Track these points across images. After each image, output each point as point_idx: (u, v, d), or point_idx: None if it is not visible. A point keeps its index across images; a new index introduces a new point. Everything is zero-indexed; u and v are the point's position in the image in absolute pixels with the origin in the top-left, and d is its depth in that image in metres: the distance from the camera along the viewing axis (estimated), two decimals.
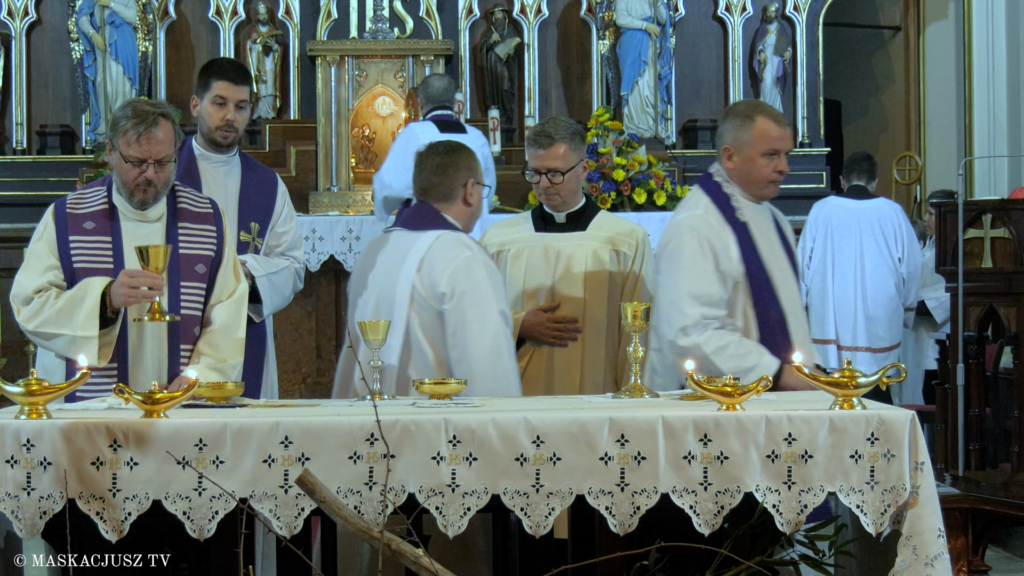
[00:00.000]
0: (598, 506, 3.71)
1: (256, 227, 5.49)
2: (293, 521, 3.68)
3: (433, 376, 4.67)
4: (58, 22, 10.94)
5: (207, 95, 5.48)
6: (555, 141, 5.22)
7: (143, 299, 4.49)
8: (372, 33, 10.62)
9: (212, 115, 5.47)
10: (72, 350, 4.52)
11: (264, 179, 5.62)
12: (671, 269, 4.91)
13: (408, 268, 4.77)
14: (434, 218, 4.88)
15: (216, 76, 5.48)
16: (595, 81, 11.05)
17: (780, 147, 5.02)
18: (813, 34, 11.09)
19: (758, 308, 4.91)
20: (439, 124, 9.12)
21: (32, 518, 3.66)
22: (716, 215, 4.98)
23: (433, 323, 4.74)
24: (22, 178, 10.62)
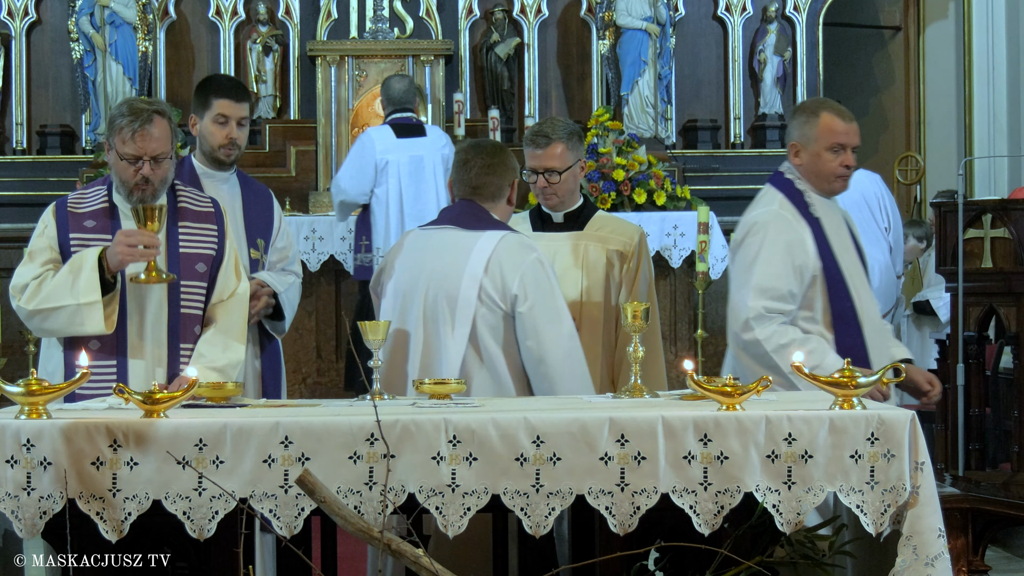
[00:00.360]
0: (598, 506, 3.71)
1: (262, 243, 5.42)
2: (293, 521, 3.68)
3: (497, 377, 4.69)
4: (58, 22, 10.94)
5: (207, 114, 5.37)
6: (552, 141, 5.21)
7: (140, 257, 4.51)
8: (372, 33, 10.63)
9: (215, 134, 5.36)
10: (77, 321, 4.52)
11: (261, 195, 5.56)
12: (743, 265, 4.96)
13: (474, 269, 4.72)
14: (486, 217, 4.86)
15: (216, 94, 5.37)
16: (595, 81, 11.06)
17: (846, 141, 5.07)
18: (813, 34, 11.09)
19: (833, 302, 4.95)
20: (396, 128, 9.15)
21: (32, 518, 3.66)
22: (791, 210, 5.02)
23: (497, 324, 4.72)
24: (22, 178, 10.62)
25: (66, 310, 4.54)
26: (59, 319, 4.56)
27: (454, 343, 4.68)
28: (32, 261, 4.66)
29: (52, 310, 4.56)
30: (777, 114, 10.98)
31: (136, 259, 4.52)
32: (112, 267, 4.55)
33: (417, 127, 9.29)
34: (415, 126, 9.30)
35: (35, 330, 4.77)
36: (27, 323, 4.71)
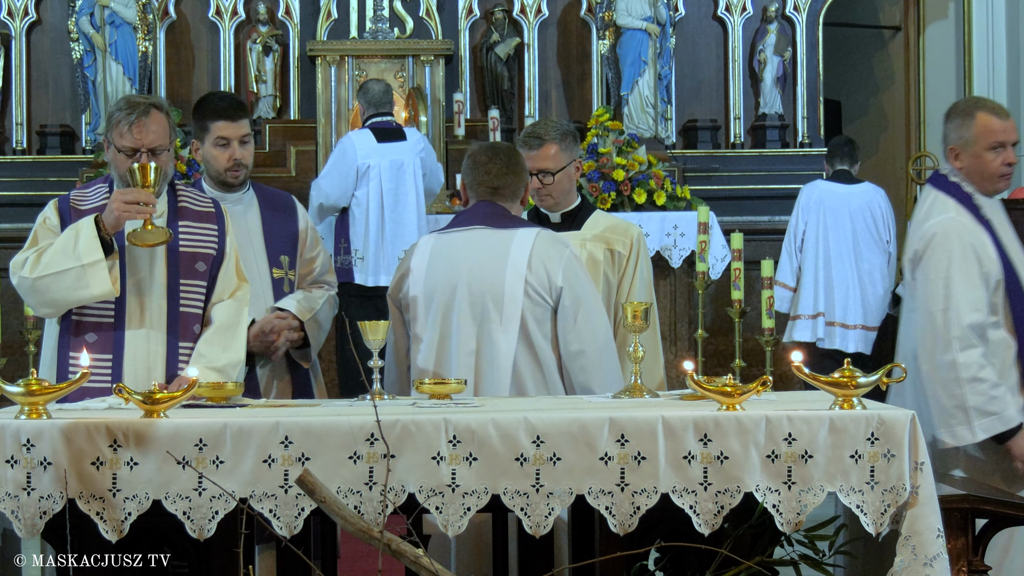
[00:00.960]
0: (598, 506, 3.71)
1: (286, 260, 5.28)
2: (293, 521, 3.68)
3: (546, 371, 4.72)
4: (58, 22, 10.94)
5: (207, 138, 5.21)
6: (545, 142, 5.19)
7: (137, 214, 4.48)
8: (372, 33, 10.63)
9: (218, 157, 5.20)
10: (82, 284, 4.48)
11: (283, 206, 5.39)
12: (933, 279, 4.83)
13: (516, 265, 4.75)
14: (512, 216, 4.90)
15: (212, 117, 5.20)
16: (595, 81, 11.06)
17: (1005, 139, 4.98)
18: (813, 34, 11.09)
19: (1015, 307, 4.86)
20: (376, 132, 9.22)
21: (32, 518, 3.66)
22: (967, 216, 4.92)
23: (543, 318, 4.75)
24: (22, 178, 10.62)
25: (70, 273, 4.49)
26: (63, 283, 4.50)
27: (505, 340, 4.71)
28: (34, 243, 4.64)
29: (55, 275, 4.50)
30: (777, 114, 10.98)
31: (133, 216, 4.49)
32: (109, 226, 4.52)
33: (397, 131, 9.41)
34: (395, 130, 9.42)
35: (38, 304, 4.65)
36: (29, 297, 4.64)
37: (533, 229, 4.85)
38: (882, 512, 3.70)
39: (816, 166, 10.92)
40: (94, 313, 4.61)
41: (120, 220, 4.50)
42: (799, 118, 11.07)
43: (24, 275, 4.55)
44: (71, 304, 4.57)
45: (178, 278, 4.66)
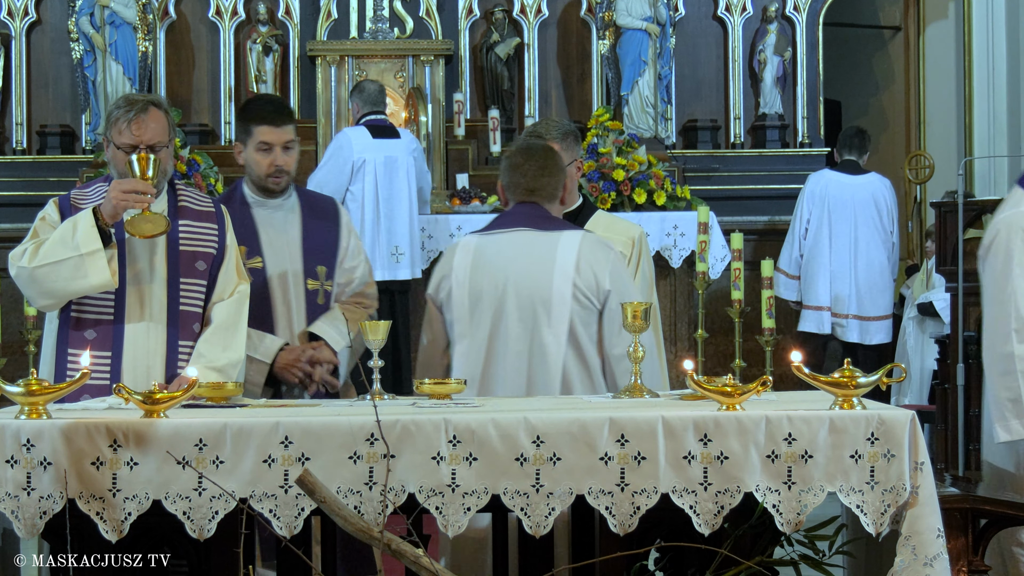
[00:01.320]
0: (598, 506, 3.71)
1: (323, 270, 5.17)
2: (293, 521, 3.68)
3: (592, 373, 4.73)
4: (58, 22, 10.94)
5: (250, 142, 5.09)
6: (545, 142, 5.17)
7: (135, 203, 4.47)
8: (372, 33, 10.63)
9: (259, 162, 5.08)
10: (80, 274, 4.47)
11: (325, 212, 5.27)
12: (1000, 270, 4.72)
13: (564, 267, 4.76)
14: (554, 218, 4.92)
15: (256, 121, 5.09)
16: (595, 81, 11.05)
17: None
18: (813, 34, 11.09)
19: None
20: (372, 129, 9.31)
21: (32, 518, 3.66)
22: None
23: (589, 321, 4.76)
24: (22, 178, 10.62)
25: (68, 263, 4.48)
26: (61, 273, 4.49)
27: (555, 342, 4.71)
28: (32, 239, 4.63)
29: (53, 264, 4.48)
30: (777, 114, 10.98)
31: (131, 205, 4.48)
32: (107, 216, 4.51)
33: (391, 128, 9.53)
34: (389, 127, 9.52)
35: (37, 295, 4.61)
36: (28, 288, 4.60)
37: (577, 232, 4.87)
38: (882, 512, 3.70)
39: (816, 166, 10.92)
40: (94, 310, 4.61)
41: (118, 209, 4.49)
42: (799, 118, 11.07)
43: (23, 265, 4.53)
44: (70, 295, 4.56)
45: (178, 276, 4.67)
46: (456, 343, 4.85)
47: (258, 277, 5.03)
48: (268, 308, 5.08)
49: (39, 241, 4.57)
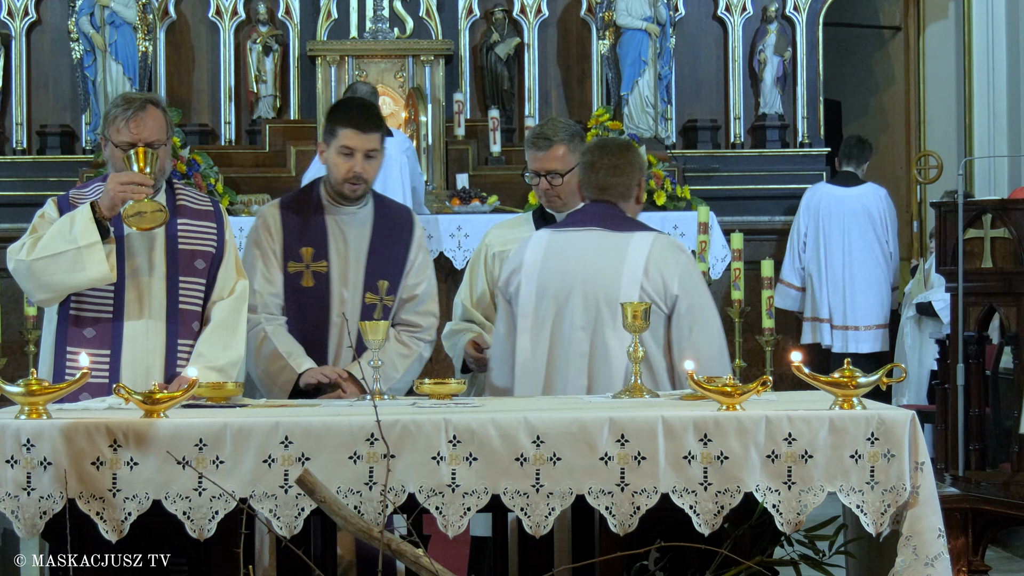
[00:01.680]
0: (598, 506, 3.71)
1: (385, 285, 5.00)
2: (293, 521, 3.68)
3: (656, 378, 4.70)
4: (58, 22, 10.94)
5: (333, 143, 4.93)
6: (553, 143, 5.15)
7: (133, 194, 4.46)
8: (372, 33, 10.63)
9: (339, 166, 4.92)
10: (79, 266, 4.46)
11: (399, 225, 5.11)
12: None
13: (633, 271, 4.73)
14: (627, 218, 4.91)
15: (342, 123, 4.93)
16: (595, 81, 11.05)
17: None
18: (813, 34, 11.09)
19: None
20: None
21: (32, 518, 3.66)
22: None
23: (656, 325, 4.71)
24: (22, 178, 10.62)
25: (66, 255, 4.47)
26: (59, 266, 4.48)
27: (618, 344, 4.66)
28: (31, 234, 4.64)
29: (51, 257, 4.47)
30: (777, 114, 10.98)
31: (128, 196, 4.47)
32: (105, 209, 4.50)
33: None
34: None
35: (35, 288, 4.59)
36: (26, 281, 4.58)
37: (650, 233, 4.83)
38: (882, 512, 3.70)
39: (816, 166, 10.93)
40: (93, 308, 4.62)
41: (116, 201, 4.48)
42: (799, 118, 11.07)
43: (21, 258, 4.53)
44: (68, 288, 4.55)
45: (177, 275, 4.67)
46: (519, 337, 4.83)
47: (321, 281, 4.97)
48: (326, 315, 4.99)
49: (37, 235, 4.57)
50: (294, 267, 4.99)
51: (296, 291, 4.98)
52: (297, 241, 5.00)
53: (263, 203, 10.06)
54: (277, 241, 5.01)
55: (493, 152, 10.58)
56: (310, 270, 4.95)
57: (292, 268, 4.99)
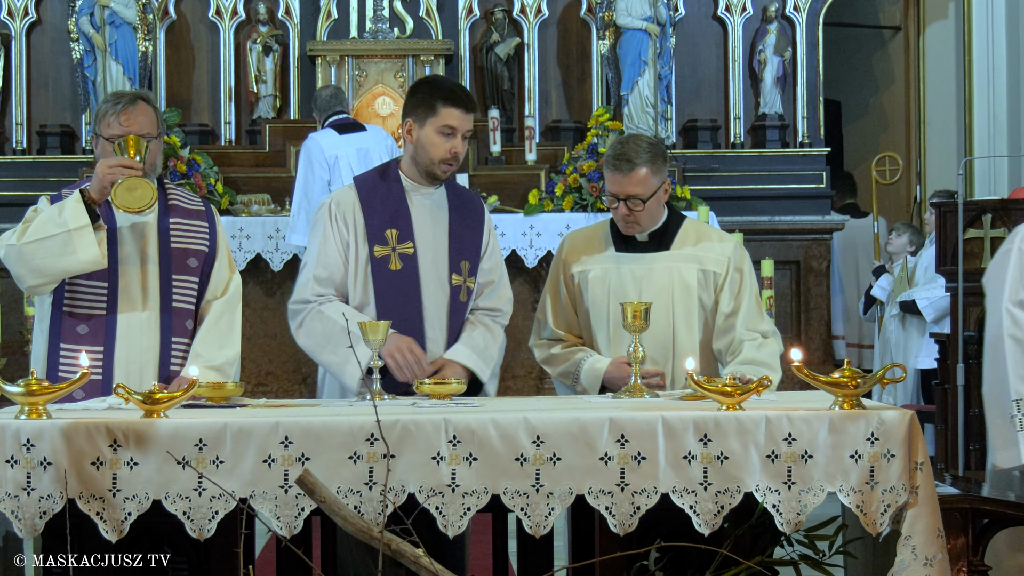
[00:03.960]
0: (598, 506, 3.71)
1: (467, 266, 4.86)
2: (293, 521, 3.68)
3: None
4: (58, 22, 10.95)
5: (432, 121, 4.74)
6: (635, 166, 4.78)
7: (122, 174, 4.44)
8: (372, 33, 10.63)
9: (438, 146, 4.73)
10: (69, 249, 4.45)
11: (472, 208, 4.97)
12: None
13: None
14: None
15: (446, 102, 4.73)
16: (595, 81, 11.05)
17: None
18: (813, 34, 11.09)
19: None
20: (337, 128, 9.43)
21: (32, 518, 3.66)
22: None
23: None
24: (22, 178, 10.63)
25: (56, 238, 4.45)
26: (50, 249, 4.46)
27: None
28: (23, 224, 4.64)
29: (41, 240, 4.46)
30: (777, 114, 10.98)
31: (117, 176, 4.46)
32: (95, 192, 4.50)
33: (356, 124, 9.64)
34: (353, 123, 9.64)
35: (26, 273, 4.54)
36: (17, 266, 4.54)
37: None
38: (882, 512, 3.70)
39: (816, 166, 10.93)
40: (86, 305, 4.62)
41: (104, 182, 4.46)
42: (799, 118, 11.07)
43: (11, 243, 4.53)
44: (59, 272, 4.52)
45: (170, 273, 4.67)
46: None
47: (409, 263, 4.79)
48: (416, 295, 4.79)
49: (28, 220, 4.58)
50: (380, 251, 4.78)
51: (385, 275, 4.77)
52: (380, 223, 4.79)
53: (263, 203, 10.07)
54: (357, 224, 4.79)
55: (493, 152, 10.58)
56: (396, 253, 4.77)
57: (379, 252, 4.77)
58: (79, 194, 4.51)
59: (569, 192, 9.95)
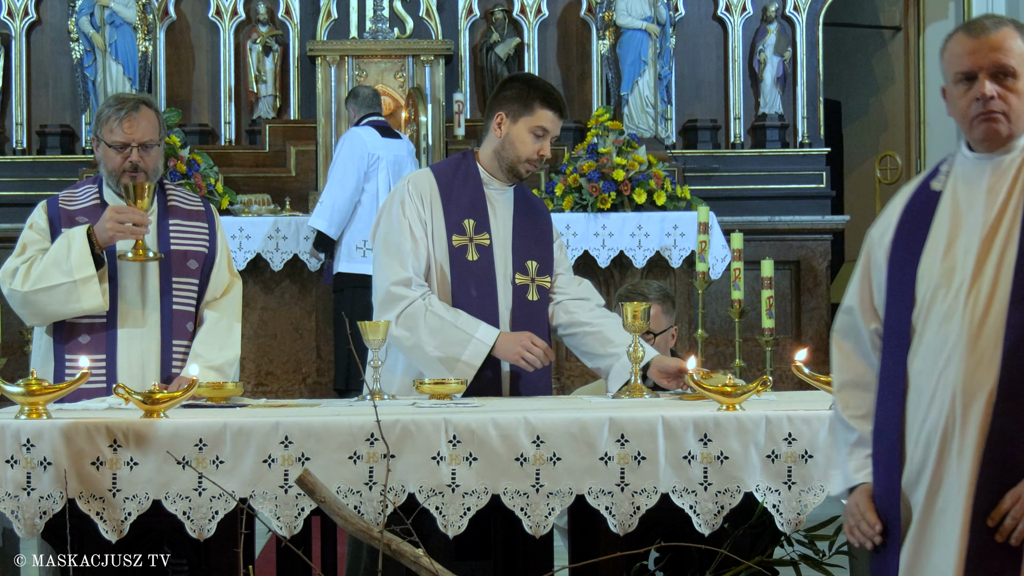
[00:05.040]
0: (598, 506, 3.71)
1: (534, 266, 4.80)
2: (293, 521, 3.68)
3: None
4: (58, 22, 10.94)
5: (527, 120, 4.71)
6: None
7: (130, 235, 4.50)
8: (372, 33, 10.63)
9: (528, 144, 4.70)
10: (73, 298, 4.50)
11: (536, 207, 4.95)
12: None
13: None
14: None
15: (544, 103, 4.72)
16: (595, 81, 11.05)
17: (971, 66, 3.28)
18: (813, 34, 11.09)
19: None
20: (379, 129, 9.40)
21: (32, 518, 3.66)
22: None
23: None
24: (22, 178, 10.62)
25: (61, 288, 4.50)
26: (54, 298, 4.52)
27: None
28: (24, 252, 4.65)
29: (47, 289, 4.51)
30: (777, 114, 10.98)
31: (126, 236, 4.51)
32: (101, 242, 4.54)
33: (393, 130, 9.64)
34: (392, 129, 9.63)
35: (29, 316, 4.64)
36: (20, 309, 4.63)
37: None
38: None
39: (816, 166, 10.92)
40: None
41: (113, 239, 4.54)
42: (799, 118, 11.07)
43: (16, 288, 4.57)
44: (61, 316, 4.60)
45: (170, 276, 4.67)
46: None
47: (485, 254, 4.72)
48: (492, 286, 4.74)
49: (30, 259, 4.59)
50: (458, 240, 4.71)
51: (463, 266, 4.70)
52: (458, 212, 4.72)
53: (263, 203, 10.07)
54: (436, 210, 4.72)
55: None
56: (473, 243, 4.71)
57: (457, 241, 4.71)
58: (87, 240, 4.53)
59: (569, 192, 9.95)
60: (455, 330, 4.56)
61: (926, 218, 3.31)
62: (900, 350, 3.23)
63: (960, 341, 3.11)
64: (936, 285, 3.20)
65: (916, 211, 3.34)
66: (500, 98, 4.78)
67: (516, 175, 4.79)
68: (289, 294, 9.84)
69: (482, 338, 4.57)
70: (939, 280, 3.20)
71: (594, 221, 9.75)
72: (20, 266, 4.58)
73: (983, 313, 3.12)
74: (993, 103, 3.32)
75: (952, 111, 3.52)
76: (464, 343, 4.55)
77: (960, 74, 3.37)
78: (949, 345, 3.13)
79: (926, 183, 3.42)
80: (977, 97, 3.34)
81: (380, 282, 4.66)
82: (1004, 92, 3.30)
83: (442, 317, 4.59)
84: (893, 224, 3.36)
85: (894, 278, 3.29)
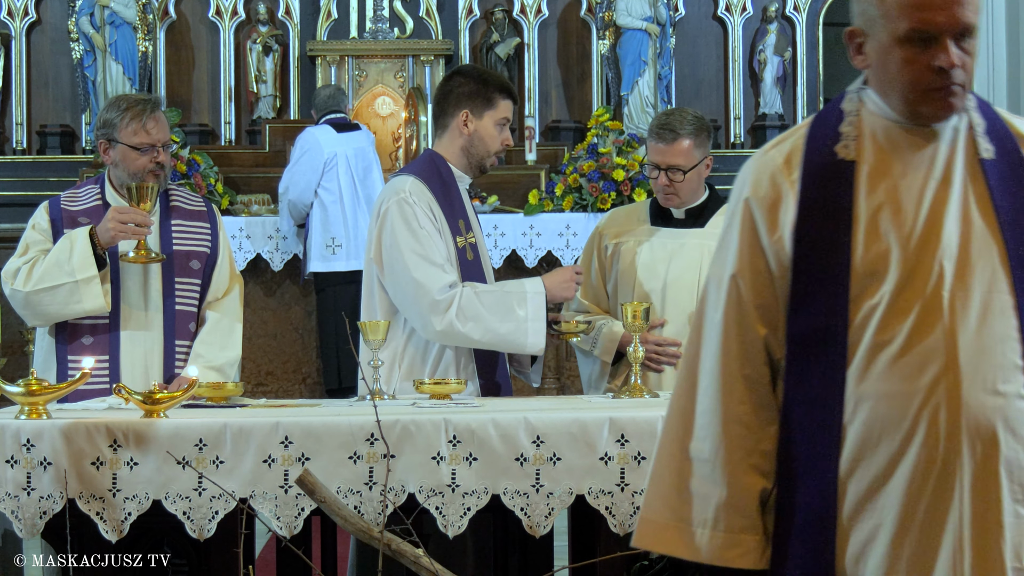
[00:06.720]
0: (598, 506, 3.71)
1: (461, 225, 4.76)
2: (293, 521, 3.68)
3: None
4: (58, 22, 10.95)
5: (491, 113, 4.79)
6: (679, 136, 4.86)
7: (132, 235, 4.52)
8: (372, 33, 10.63)
9: (495, 138, 4.78)
10: (75, 299, 4.51)
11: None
12: None
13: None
14: None
15: (503, 94, 4.80)
16: (595, 81, 11.06)
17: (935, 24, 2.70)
18: (813, 34, 11.10)
19: None
20: (335, 126, 9.46)
21: (32, 518, 3.66)
22: None
23: None
24: (22, 178, 10.63)
25: (63, 288, 4.52)
26: (56, 298, 4.53)
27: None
28: (26, 252, 4.66)
29: (48, 290, 4.53)
30: (777, 114, 10.99)
31: (128, 237, 4.52)
32: (103, 243, 4.56)
33: (353, 124, 9.70)
34: (350, 123, 9.69)
35: (31, 316, 4.65)
36: (22, 310, 4.64)
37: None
38: None
39: None
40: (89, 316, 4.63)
41: (115, 239, 4.55)
42: (799, 118, 11.07)
43: (17, 288, 4.58)
44: (63, 318, 4.60)
45: (173, 277, 4.67)
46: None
47: (476, 252, 4.71)
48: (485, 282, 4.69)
49: (32, 260, 4.60)
50: (460, 241, 4.70)
51: (466, 266, 4.66)
52: (453, 214, 4.71)
53: (263, 203, 10.08)
54: (439, 216, 4.65)
55: None
56: (468, 243, 4.71)
57: (459, 242, 4.69)
58: (88, 240, 4.53)
59: (569, 192, 9.95)
60: (507, 296, 4.53)
61: (843, 193, 2.60)
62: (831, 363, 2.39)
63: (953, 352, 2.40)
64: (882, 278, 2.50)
65: (824, 183, 2.63)
66: (457, 95, 4.75)
67: (482, 170, 4.79)
68: (289, 294, 9.85)
69: (533, 289, 4.54)
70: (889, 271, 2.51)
71: (594, 221, 9.75)
72: (22, 266, 4.59)
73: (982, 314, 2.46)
74: (955, 74, 2.58)
75: (880, 73, 2.83)
76: (521, 301, 4.51)
77: (913, 31, 2.67)
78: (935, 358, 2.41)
79: (826, 148, 2.75)
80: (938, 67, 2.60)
81: (421, 297, 4.48)
82: (963, 57, 2.59)
83: (490, 291, 4.56)
84: (790, 196, 2.65)
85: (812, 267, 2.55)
